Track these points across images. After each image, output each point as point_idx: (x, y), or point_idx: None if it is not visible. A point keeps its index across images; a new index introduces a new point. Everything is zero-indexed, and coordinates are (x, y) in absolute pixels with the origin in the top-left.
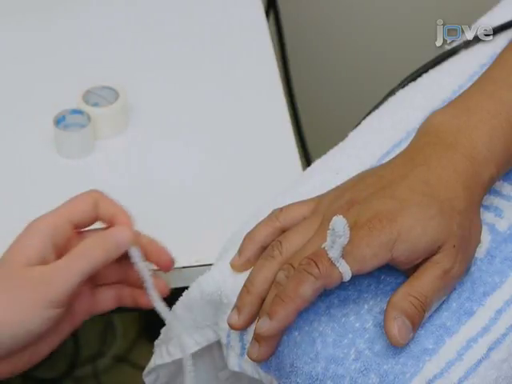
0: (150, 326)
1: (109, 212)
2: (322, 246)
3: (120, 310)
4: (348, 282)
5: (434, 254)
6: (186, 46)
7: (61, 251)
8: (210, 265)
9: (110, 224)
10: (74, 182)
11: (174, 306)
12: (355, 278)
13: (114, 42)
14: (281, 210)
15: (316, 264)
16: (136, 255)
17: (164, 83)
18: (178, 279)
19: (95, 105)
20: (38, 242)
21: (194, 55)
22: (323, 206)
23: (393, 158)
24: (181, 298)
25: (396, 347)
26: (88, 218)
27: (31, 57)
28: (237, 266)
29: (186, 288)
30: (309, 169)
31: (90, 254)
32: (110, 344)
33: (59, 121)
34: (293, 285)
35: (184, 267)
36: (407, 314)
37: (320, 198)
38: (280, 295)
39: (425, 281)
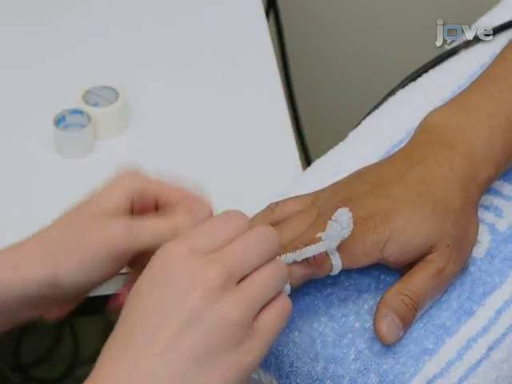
0: None
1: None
2: (318, 235)
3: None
4: (348, 282)
5: (427, 254)
6: (185, 45)
7: (136, 209)
8: None
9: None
10: (74, 182)
11: None
12: (355, 278)
13: (114, 42)
14: (277, 203)
15: None
16: None
17: (164, 83)
18: None
19: (95, 105)
20: (119, 196)
21: (194, 55)
22: (319, 202)
23: (391, 156)
24: None
25: (396, 347)
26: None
27: (31, 57)
28: None
29: None
30: (309, 169)
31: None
32: None
33: (59, 121)
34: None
35: None
36: (397, 313)
37: (317, 193)
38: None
39: (417, 279)
